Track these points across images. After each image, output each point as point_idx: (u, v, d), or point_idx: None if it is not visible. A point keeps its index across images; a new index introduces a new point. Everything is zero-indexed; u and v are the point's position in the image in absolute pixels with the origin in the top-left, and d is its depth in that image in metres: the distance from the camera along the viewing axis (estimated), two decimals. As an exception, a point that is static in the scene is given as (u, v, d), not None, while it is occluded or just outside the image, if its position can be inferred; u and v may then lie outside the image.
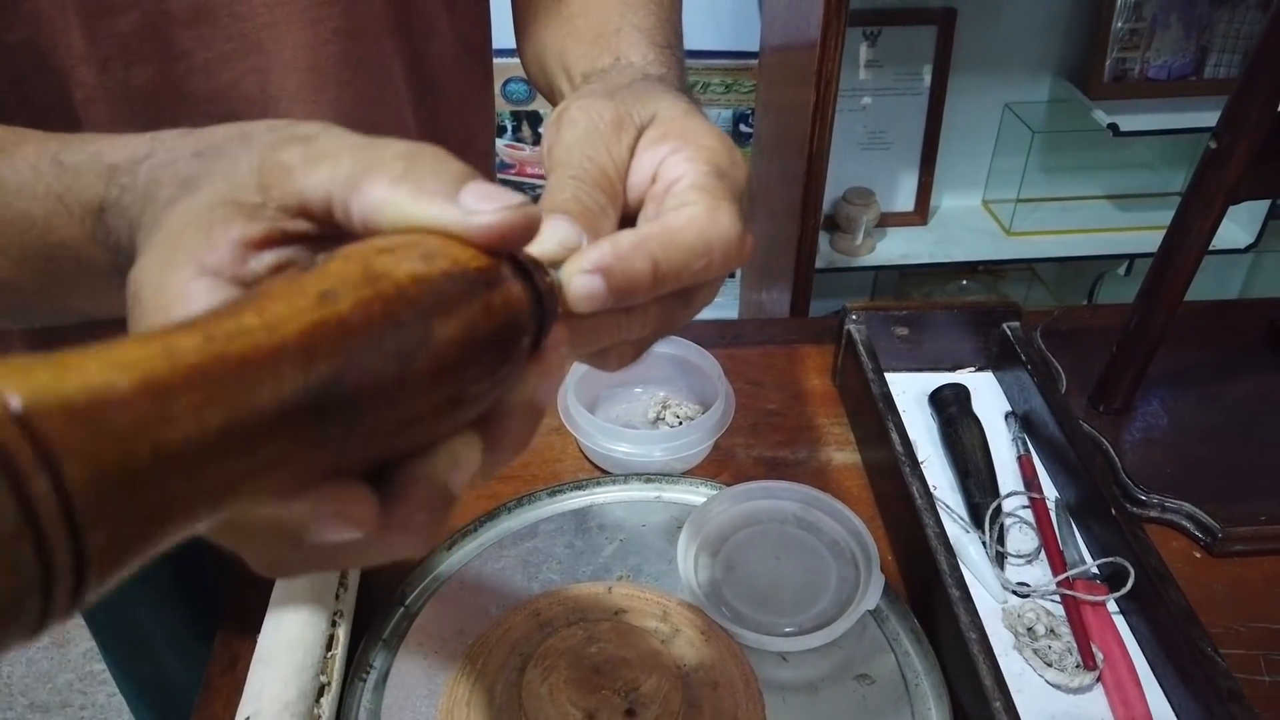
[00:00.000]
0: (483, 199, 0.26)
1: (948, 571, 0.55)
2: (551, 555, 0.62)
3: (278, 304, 0.21)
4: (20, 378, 0.17)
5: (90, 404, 0.17)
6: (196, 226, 0.27)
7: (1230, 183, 0.60)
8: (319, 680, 0.52)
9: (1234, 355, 0.78)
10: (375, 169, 0.27)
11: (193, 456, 0.18)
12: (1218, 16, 1.65)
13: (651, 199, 0.34)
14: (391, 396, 0.22)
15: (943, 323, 0.75)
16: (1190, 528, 0.64)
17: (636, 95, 0.38)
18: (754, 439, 0.72)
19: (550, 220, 0.31)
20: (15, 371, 0.17)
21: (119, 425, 0.17)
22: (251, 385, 0.19)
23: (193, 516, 0.19)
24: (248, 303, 0.21)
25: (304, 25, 0.55)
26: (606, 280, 0.29)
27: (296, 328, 0.21)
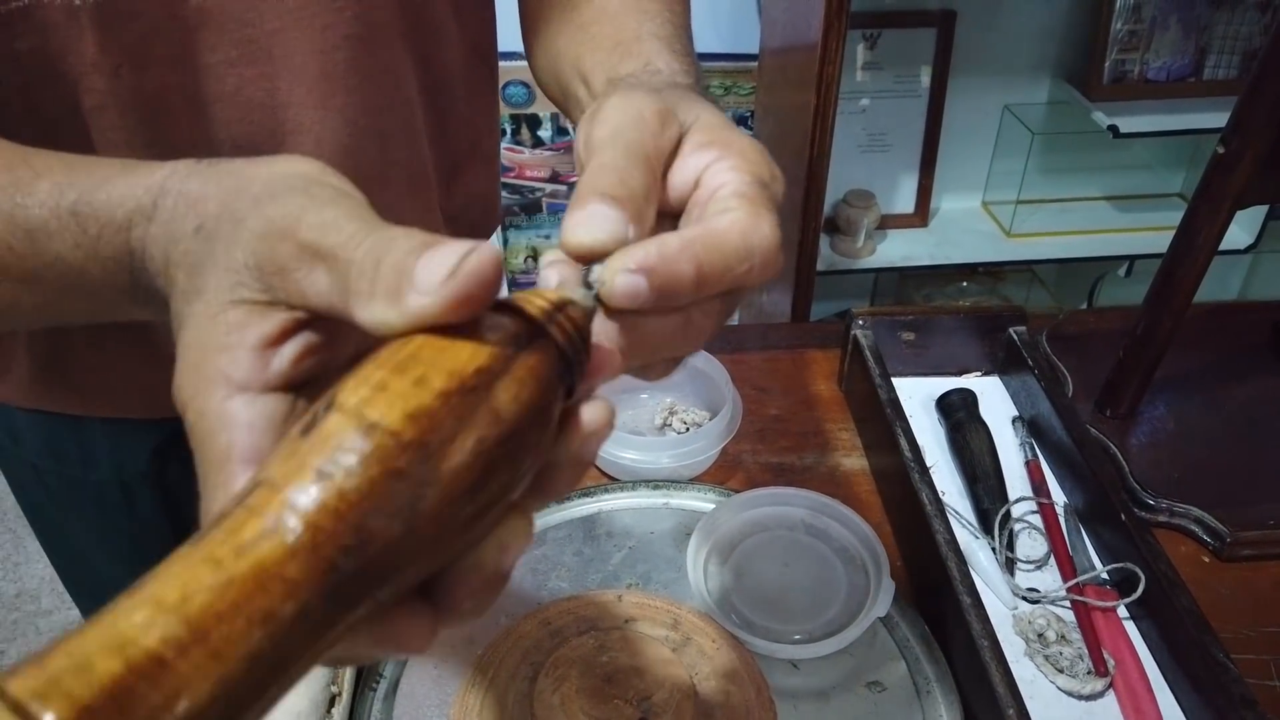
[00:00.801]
0: (434, 271, 0.25)
1: (959, 578, 0.55)
2: (560, 563, 0.62)
3: (275, 500, 0.22)
4: (50, 693, 0.18)
5: (116, 695, 0.18)
6: (214, 339, 0.28)
7: (1238, 188, 0.60)
8: (330, 690, 0.52)
9: (1238, 358, 0.78)
10: (352, 287, 0.27)
11: (237, 688, 0.20)
12: (1216, 18, 1.65)
13: (695, 204, 0.35)
14: (409, 546, 0.23)
15: (948, 328, 0.75)
16: (1199, 532, 0.65)
17: (679, 97, 0.38)
18: (761, 445, 0.72)
19: (594, 204, 0.31)
20: (45, 686, 0.18)
21: (151, 708, 0.18)
22: (265, 603, 0.20)
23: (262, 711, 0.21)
24: (250, 506, 0.22)
25: (314, 31, 0.55)
26: (649, 280, 0.29)
27: (297, 522, 0.21)
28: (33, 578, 1.82)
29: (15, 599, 1.78)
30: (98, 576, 0.80)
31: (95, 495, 0.74)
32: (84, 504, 0.74)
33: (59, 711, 0.17)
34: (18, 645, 1.71)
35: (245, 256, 0.29)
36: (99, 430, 0.70)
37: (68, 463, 0.72)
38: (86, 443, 0.71)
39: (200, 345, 0.29)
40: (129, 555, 0.78)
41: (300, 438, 0.23)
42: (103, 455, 0.71)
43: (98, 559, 0.79)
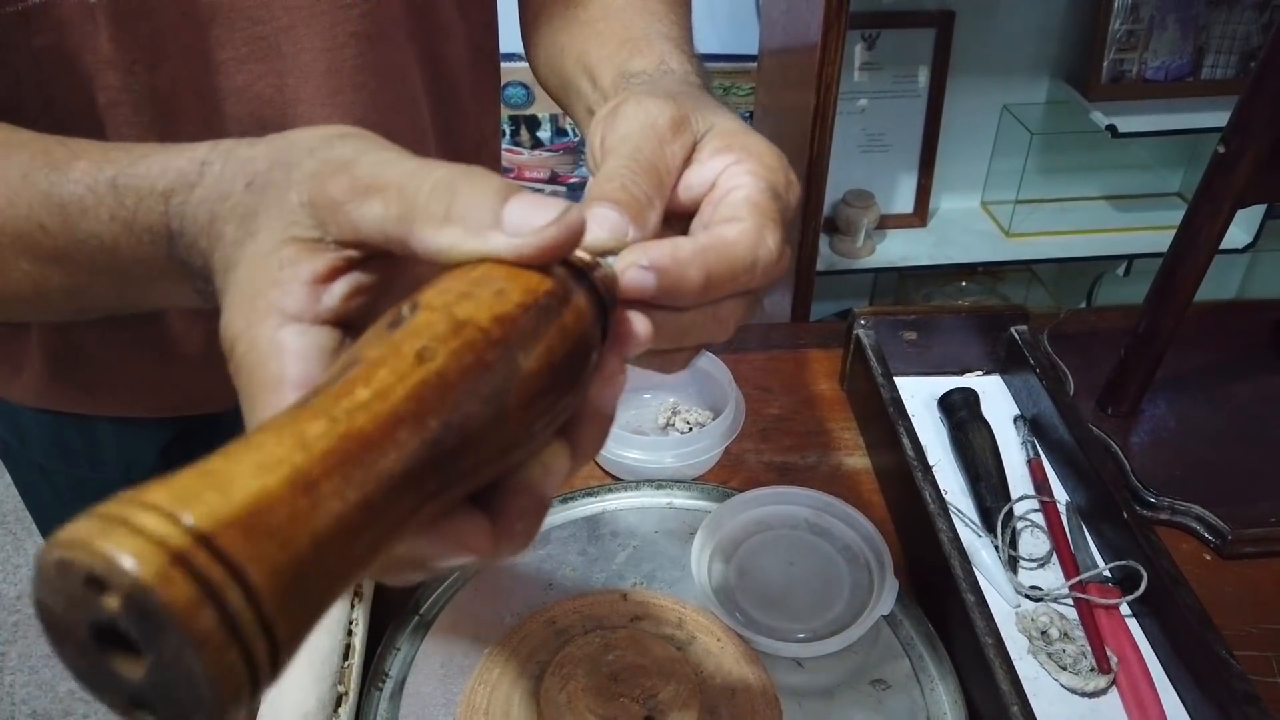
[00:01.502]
0: (527, 217, 0.27)
1: (962, 577, 0.55)
2: (565, 562, 0.62)
3: (382, 371, 0.23)
4: (193, 501, 0.19)
5: (255, 512, 0.19)
6: (267, 275, 0.29)
7: (1238, 187, 0.60)
8: (336, 690, 0.52)
9: (1239, 357, 0.78)
10: (421, 213, 0.28)
11: (343, 534, 0.21)
12: (1214, 17, 1.66)
13: (709, 203, 0.36)
14: (494, 434, 0.24)
15: (950, 327, 0.76)
16: (1200, 530, 0.65)
17: (696, 102, 0.39)
18: (764, 444, 0.72)
19: (598, 208, 0.33)
20: (185, 494, 0.19)
21: (281, 525, 0.19)
22: (378, 457, 0.22)
23: (348, 582, 0.21)
24: (355, 373, 0.23)
25: (322, 28, 0.55)
26: (659, 279, 0.31)
27: (404, 392, 0.23)
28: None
29: (16, 601, 1.78)
30: None
31: (102, 495, 0.74)
32: (90, 504, 0.75)
33: (199, 517, 0.19)
34: (18, 647, 1.71)
35: (299, 195, 0.30)
36: (107, 429, 0.70)
37: (75, 462, 0.72)
38: (94, 442, 0.71)
39: (252, 281, 0.29)
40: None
41: (389, 330, 0.24)
42: (110, 454, 0.71)
43: None
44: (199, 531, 0.18)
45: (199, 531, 0.18)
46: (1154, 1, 1.63)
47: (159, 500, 0.19)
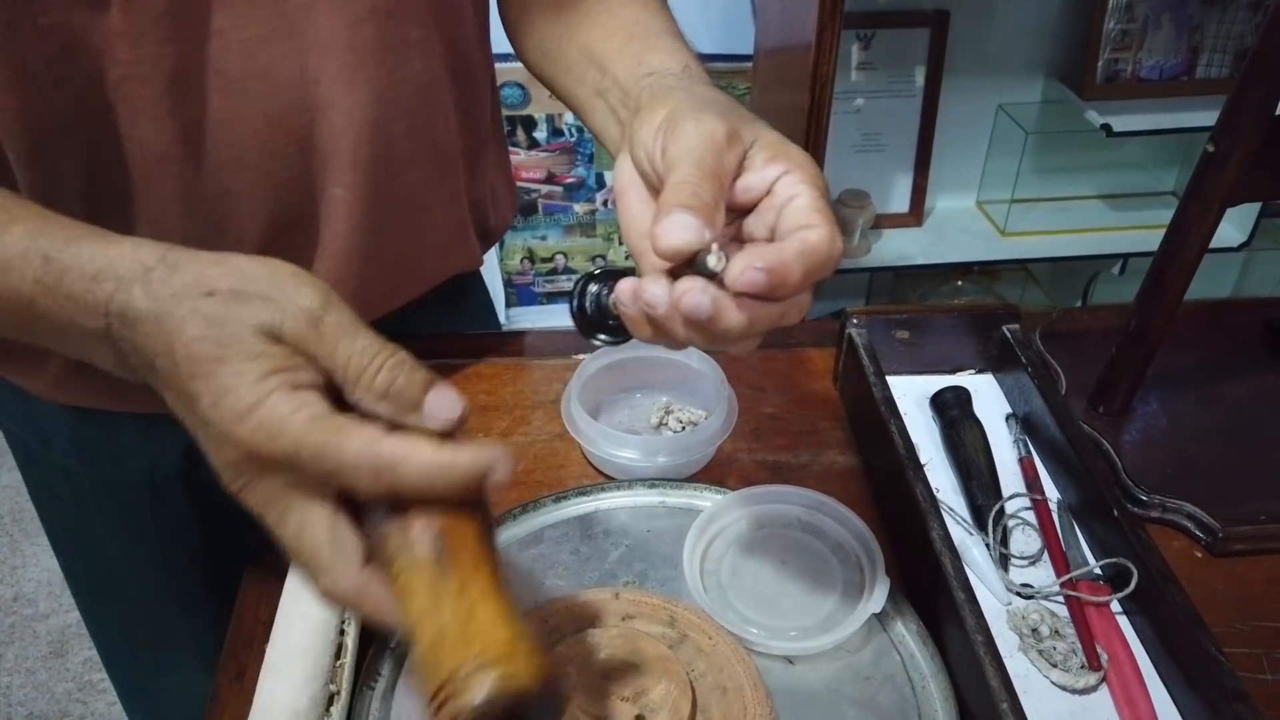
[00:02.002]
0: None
1: (953, 574, 0.55)
2: (557, 561, 0.62)
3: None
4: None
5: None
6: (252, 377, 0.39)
7: (1228, 186, 0.60)
8: (329, 689, 0.52)
9: (1231, 355, 0.78)
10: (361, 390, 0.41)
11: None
12: (1209, 17, 1.66)
13: (770, 208, 0.43)
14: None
15: (943, 326, 0.76)
16: (1191, 527, 0.65)
17: (740, 116, 0.45)
18: (756, 443, 0.72)
19: (677, 214, 0.40)
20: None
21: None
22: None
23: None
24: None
25: (341, 5, 0.56)
26: (769, 278, 0.39)
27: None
28: (29, 581, 1.82)
29: (12, 603, 1.78)
30: (118, 585, 0.80)
31: (125, 497, 0.74)
32: (113, 507, 0.74)
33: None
34: (14, 649, 1.71)
35: (266, 325, 0.39)
36: (131, 429, 0.70)
37: (99, 464, 0.72)
38: (118, 441, 0.71)
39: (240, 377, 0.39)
40: (157, 560, 0.78)
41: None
42: (134, 455, 0.71)
43: (121, 566, 0.78)
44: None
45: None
46: (1148, 1, 1.64)
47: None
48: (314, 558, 0.40)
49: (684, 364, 0.74)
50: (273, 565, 0.62)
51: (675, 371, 0.74)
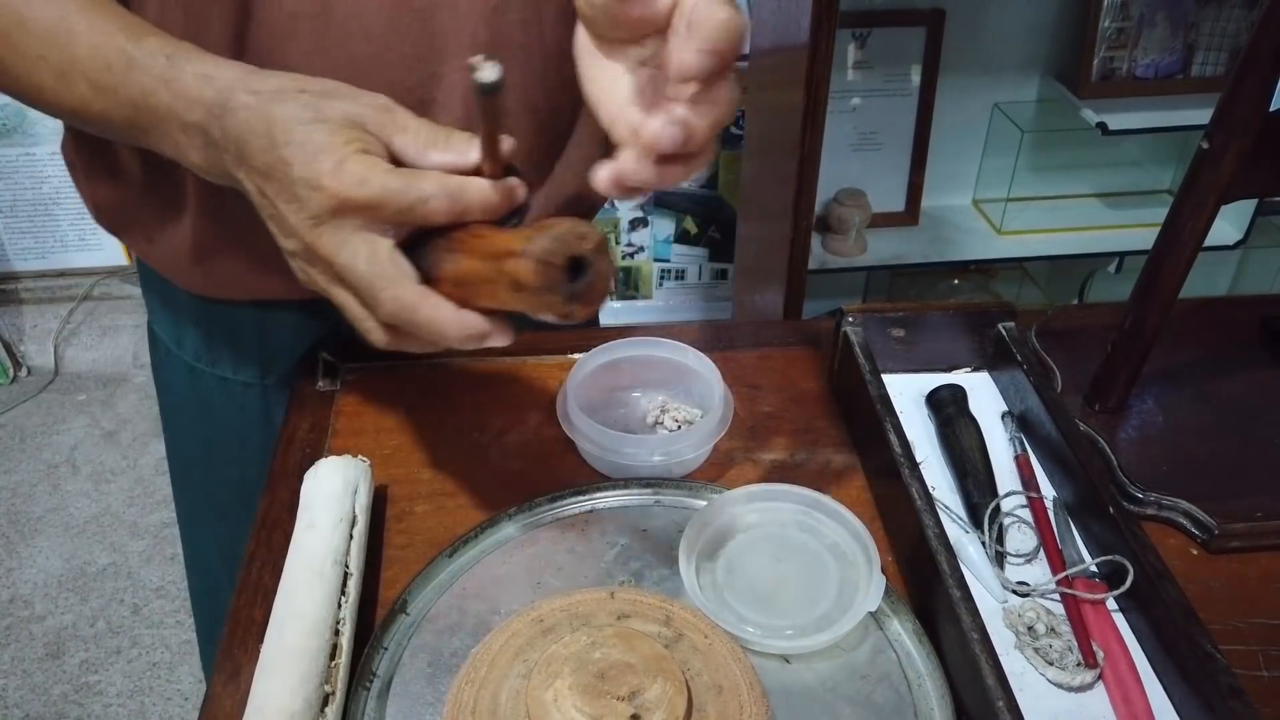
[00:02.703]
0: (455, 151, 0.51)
1: (949, 572, 0.55)
2: (553, 561, 0.62)
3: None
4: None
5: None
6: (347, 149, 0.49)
7: (1222, 183, 0.60)
8: (324, 690, 0.52)
9: (1226, 352, 0.78)
10: (431, 145, 0.51)
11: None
12: (1204, 15, 1.66)
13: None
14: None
15: (938, 324, 0.76)
16: (1187, 525, 0.65)
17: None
18: (752, 442, 0.72)
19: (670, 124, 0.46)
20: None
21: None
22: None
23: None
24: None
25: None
26: (714, 60, 0.43)
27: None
28: (26, 583, 1.82)
29: (8, 604, 1.78)
30: (217, 478, 0.86)
31: (239, 403, 0.82)
32: (230, 408, 0.82)
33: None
34: (11, 650, 1.70)
35: (351, 112, 0.50)
36: (249, 322, 0.78)
37: (220, 362, 0.80)
38: (237, 336, 0.79)
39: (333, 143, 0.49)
40: (257, 463, 0.79)
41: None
42: (251, 351, 0.79)
43: (222, 462, 0.85)
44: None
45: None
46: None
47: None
48: (381, 275, 0.48)
49: (680, 363, 0.74)
50: (269, 561, 0.62)
51: (671, 370, 0.74)
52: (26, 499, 1.97)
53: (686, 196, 2.19)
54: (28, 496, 1.97)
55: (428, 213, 0.48)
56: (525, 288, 0.46)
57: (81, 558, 1.85)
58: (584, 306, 0.47)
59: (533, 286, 0.46)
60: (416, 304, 0.48)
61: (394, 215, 0.48)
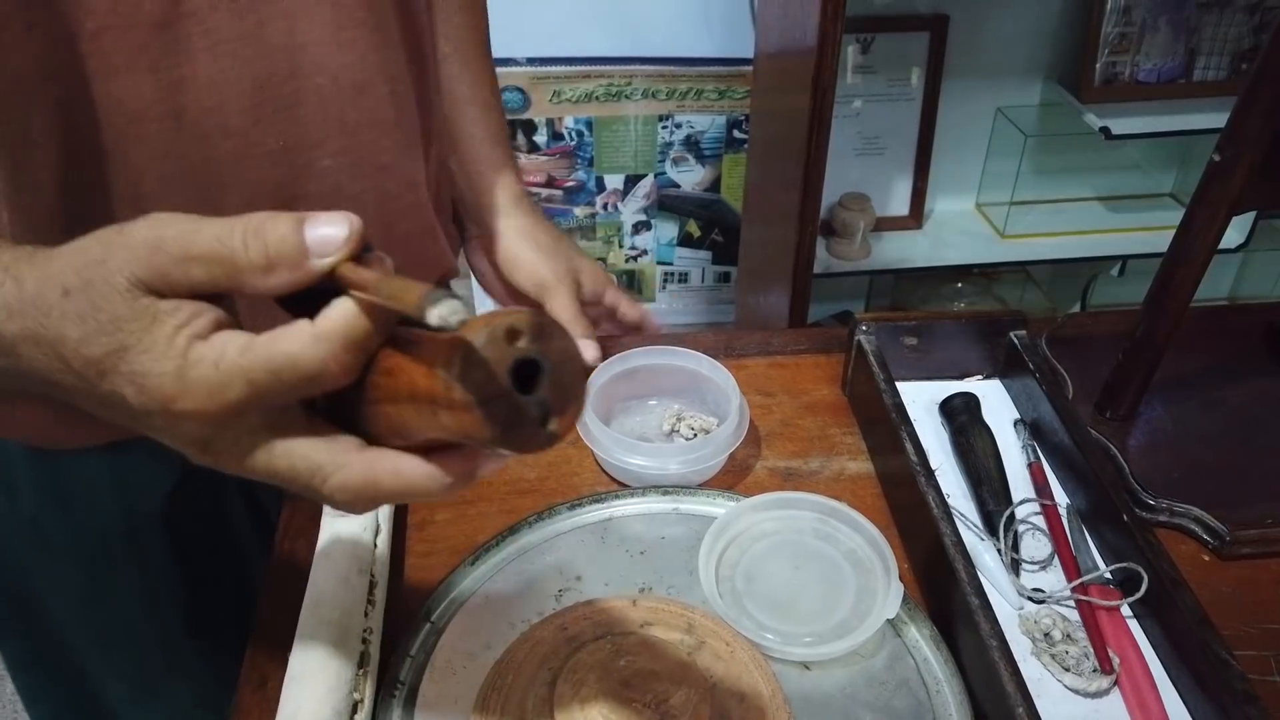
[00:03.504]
0: (326, 234, 0.37)
1: (966, 580, 0.56)
2: (574, 569, 0.63)
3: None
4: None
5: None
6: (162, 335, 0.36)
7: (1233, 195, 0.61)
8: (353, 698, 0.53)
9: (1235, 359, 0.79)
10: (245, 269, 0.36)
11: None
12: (1206, 19, 1.67)
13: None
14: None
15: (951, 332, 0.76)
16: (1198, 531, 0.66)
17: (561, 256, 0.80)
18: (768, 450, 0.73)
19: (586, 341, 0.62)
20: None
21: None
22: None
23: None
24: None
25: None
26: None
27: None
28: (34, 587, 1.82)
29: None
30: (85, 648, 0.74)
31: (100, 545, 0.70)
32: (86, 557, 0.70)
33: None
34: (20, 655, 1.70)
35: (125, 279, 0.35)
36: (107, 470, 0.67)
37: (73, 510, 0.68)
38: (94, 485, 0.68)
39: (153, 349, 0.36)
40: (134, 610, 0.74)
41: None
42: (111, 498, 0.68)
43: (93, 624, 0.73)
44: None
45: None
46: (1146, 4, 1.65)
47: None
48: (319, 469, 0.38)
49: (695, 371, 0.74)
50: (293, 572, 0.63)
51: (686, 379, 0.75)
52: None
53: (690, 200, 2.19)
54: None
55: (326, 385, 0.37)
56: (481, 439, 0.34)
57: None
58: (565, 413, 0.36)
59: (490, 436, 0.34)
60: (375, 479, 0.38)
61: (285, 400, 0.37)
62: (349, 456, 0.38)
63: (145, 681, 0.78)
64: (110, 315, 0.35)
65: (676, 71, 1.94)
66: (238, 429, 0.37)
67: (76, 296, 0.36)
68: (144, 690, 0.78)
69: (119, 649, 0.76)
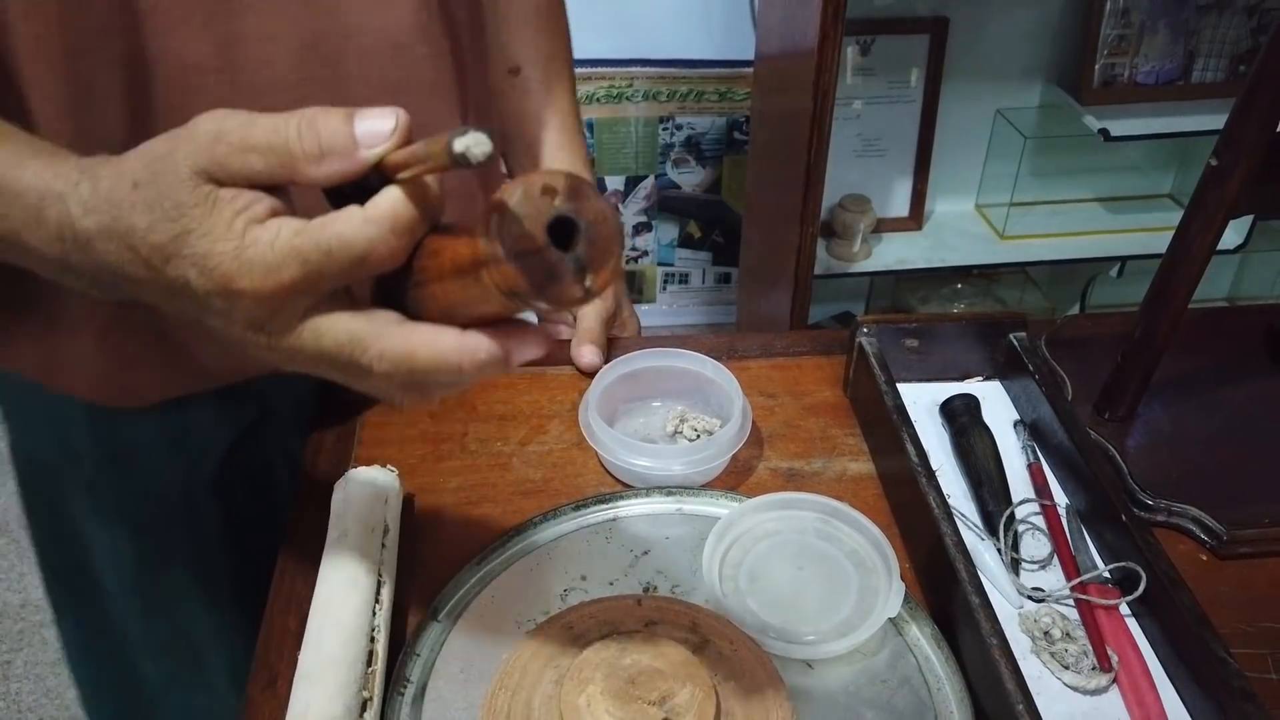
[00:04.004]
0: (374, 127, 0.39)
1: (967, 580, 0.57)
2: (579, 569, 0.64)
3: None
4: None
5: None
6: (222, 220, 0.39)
7: (1230, 199, 0.62)
8: (362, 695, 0.53)
9: (1233, 361, 0.80)
10: (299, 158, 0.39)
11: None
12: (1204, 22, 1.68)
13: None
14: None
15: (951, 334, 0.77)
16: (1196, 531, 0.67)
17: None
18: (770, 451, 0.74)
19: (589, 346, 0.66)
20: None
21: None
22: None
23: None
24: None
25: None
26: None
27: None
28: (37, 587, 1.83)
29: (20, 609, 1.79)
30: (139, 615, 0.77)
31: (156, 509, 0.73)
32: (141, 522, 0.72)
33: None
34: (24, 655, 1.72)
35: (189, 168, 0.38)
36: (165, 433, 0.69)
37: (132, 474, 0.71)
38: (153, 447, 0.70)
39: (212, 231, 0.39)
40: (185, 578, 0.76)
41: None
42: (170, 460, 0.71)
43: (137, 597, 0.75)
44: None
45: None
46: (1145, 6, 1.66)
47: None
48: (355, 342, 0.40)
49: (698, 373, 0.75)
50: (301, 571, 0.63)
51: (690, 380, 0.76)
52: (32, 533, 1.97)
53: (690, 200, 2.20)
54: (38, 501, 1.98)
55: (375, 266, 0.39)
56: (521, 293, 0.36)
57: (92, 562, 1.86)
58: (600, 270, 0.37)
59: (528, 289, 0.36)
60: (411, 350, 0.40)
61: (335, 281, 0.39)
62: (389, 329, 0.40)
63: (189, 657, 0.79)
64: (174, 202, 0.38)
65: (677, 73, 1.95)
66: (290, 310, 0.40)
67: (145, 188, 0.39)
68: (186, 666, 0.80)
69: (166, 620, 0.78)
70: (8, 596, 1.81)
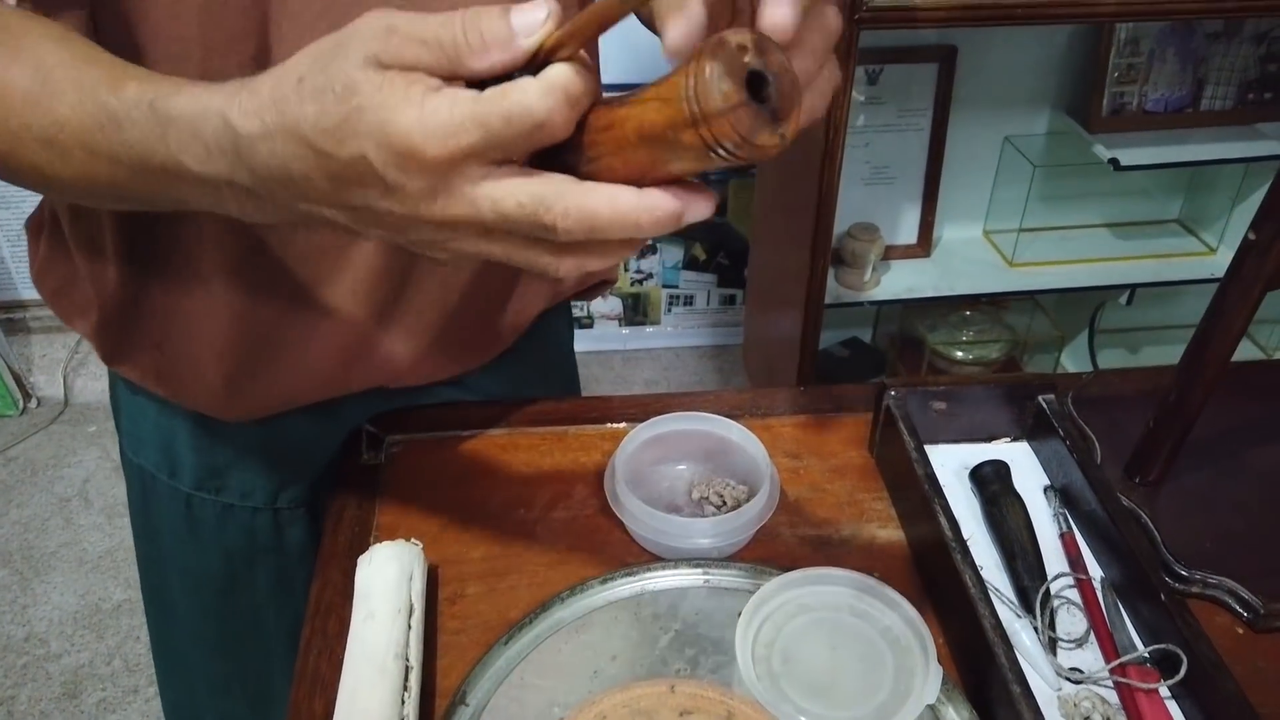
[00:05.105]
0: (528, 19, 0.39)
1: (1007, 666, 0.56)
2: (608, 648, 0.63)
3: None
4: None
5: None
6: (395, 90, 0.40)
7: (1269, 273, 0.61)
8: (394, 794, 0.52)
9: (1264, 420, 0.79)
10: (465, 52, 0.40)
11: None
12: (1213, 50, 1.68)
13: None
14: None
15: (979, 397, 0.76)
16: (1232, 603, 0.66)
17: None
18: (796, 516, 0.73)
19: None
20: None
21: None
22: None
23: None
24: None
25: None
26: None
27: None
28: (41, 620, 1.81)
29: (24, 642, 1.78)
30: (222, 623, 0.81)
31: (248, 524, 0.77)
32: (232, 537, 0.77)
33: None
34: (27, 690, 1.70)
35: (361, 57, 0.39)
36: (260, 452, 0.73)
37: (227, 489, 0.75)
38: (247, 466, 0.74)
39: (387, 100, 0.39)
40: (270, 591, 0.78)
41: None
42: (262, 480, 0.75)
43: (218, 600, 0.79)
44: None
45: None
46: (1153, 35, 1.65)
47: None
48: (540, 200, 0.40)
49: (723, 437, 0.74)
50: (325, 648, 0.62)
51: (715, 443, 0.75)
52: (39, 534, 1.96)
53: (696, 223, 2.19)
54: (40, 531, 1.97)
55: (548, 136, 0.40)
56: (730, 146, 0.38)
57: (96, 594, 1.85)
58: (790, 118, 0.39)
59: (735, 140, 0.37)
60: (594, 208, 0.40)
61: (510, 150, 0.40)
62: (570, 186, 0.40)
63: (265, 689, 0.82)
64: (345, 83, 0.39)
65: (684, 99, 1.94)
66: (465, 176, 0.40)
67: (312, 77, 0.40)
68: (263, 698, 0.83)
69: (244, 648, 0.82)
70: (11, 629, 1.79)
